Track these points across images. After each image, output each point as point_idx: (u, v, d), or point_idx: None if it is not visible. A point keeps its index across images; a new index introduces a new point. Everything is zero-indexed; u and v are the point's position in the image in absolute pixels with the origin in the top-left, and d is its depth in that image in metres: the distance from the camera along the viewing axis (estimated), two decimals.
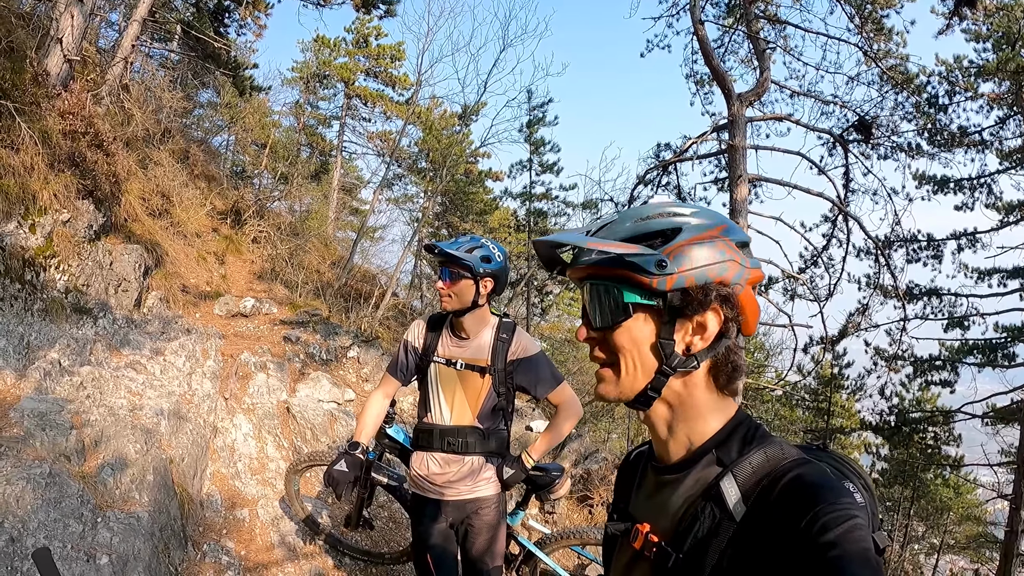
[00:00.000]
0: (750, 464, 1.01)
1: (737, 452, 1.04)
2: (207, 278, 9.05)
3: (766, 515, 0.93)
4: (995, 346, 14.24)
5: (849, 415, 18.59)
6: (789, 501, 0.91)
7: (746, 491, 0.98)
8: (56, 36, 7.04)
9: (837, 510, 0.86)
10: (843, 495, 0.90)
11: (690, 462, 1.08)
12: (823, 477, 0.94)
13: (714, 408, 1.08)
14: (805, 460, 0.99)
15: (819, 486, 0.92)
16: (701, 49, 9.82)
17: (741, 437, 1.06)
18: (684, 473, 1.08)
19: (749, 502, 0.97)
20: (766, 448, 1.02)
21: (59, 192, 6.02)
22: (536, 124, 19.25)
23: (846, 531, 0.84)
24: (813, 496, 0.90)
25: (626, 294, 1.05)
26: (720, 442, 1.06)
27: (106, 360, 5.50)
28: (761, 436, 1.06)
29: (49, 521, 3.42)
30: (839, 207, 10.49)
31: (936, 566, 19.08)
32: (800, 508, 0.89)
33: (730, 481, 1.00)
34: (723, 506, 0.99)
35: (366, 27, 22.72)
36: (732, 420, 1.09)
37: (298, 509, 4.86)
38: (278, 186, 15.44)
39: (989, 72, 12.56)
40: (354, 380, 7.59)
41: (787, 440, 1.08)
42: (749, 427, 1.08)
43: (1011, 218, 13.97)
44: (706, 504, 1.01)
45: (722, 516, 0.98)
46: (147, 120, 9.96)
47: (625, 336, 1.07)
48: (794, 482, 0.94)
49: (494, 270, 3.01)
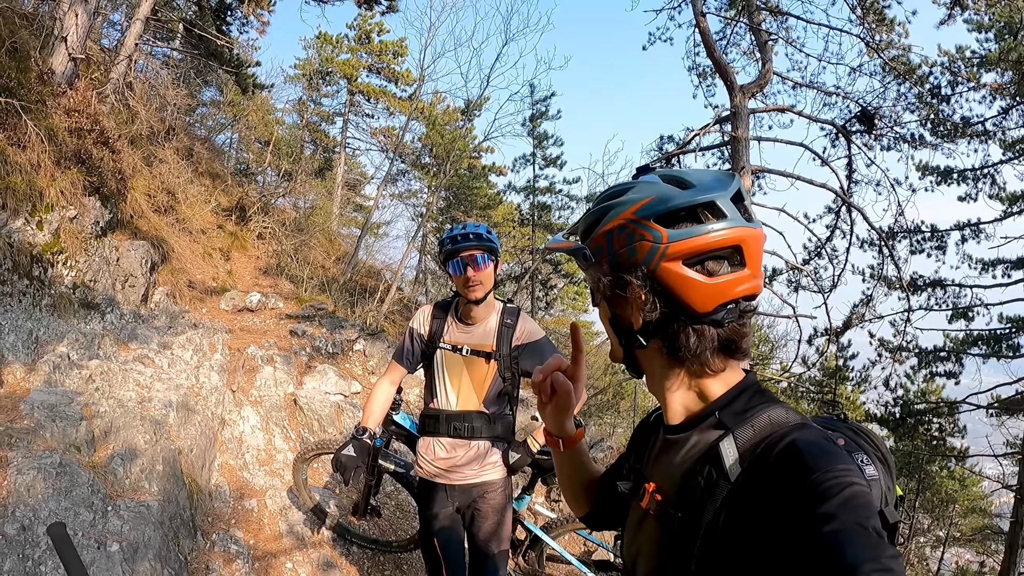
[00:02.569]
0: (751, 427, 1.01)
1: (739, 415, 1.04)
2: (213, 274, 9.11)
3: (762, 478, 0.94)
4: (1000, 337, 14.21)
5: (854, 407, 18.53)
6: (785, 466, 0.91)
7: (743, 453, 0.99)
8: (61, 35, 7.09)
9: (833, 477, 0.84)
10: (840, 460, 0.88)
11: (692, 424, 1.10)
12: (820, 443, 0.92)
13: (714, 374, 1.10)
14: (804, 424, 0.99)
15: (816, 451, 0.90)
16: (703, 41, 9.84)
17: (745, 401, 1.07)
18: (687, 434, 1.10)
19: (745, 464, 0.97)
20: (769, 412, 1.03)
21: (66, 189, 6.07)
22: (539, 118, 19.28)
23: (843, 500, 0.81)
24: (809, 462, 0.88)
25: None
26: (723, 405, 1.08)
27: (114, 354, 5.54)
28: (766, 400, 1.07)
29: (60, 510, 3.46)
30: (842, 198, 10.52)
31: (942, 558, 19.07)
32: (795, 474, 0.88)
33: (729, 442, 1.01)
34: (720, 467, 0.99)
35: (368, 23, 22.76)
36: (738, 385, 1.10)
37: (306, 498, 4.89)
38: (282, 183, 15.49)
39: (991, 62, 12.53)
40: (360, 373, 7.63)
41: (794, 407, 1.10)
42: (755, 392, 1.09)
43: (1015, 208, 13.93)
44: (705, 465, 1.02)
45: (719, 477, 0.99)
46: (151, 118, 10.01)
47: (599, 314, 1.21)
48: (790, 446, 0.93)
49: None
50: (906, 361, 15.15)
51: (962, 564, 19.25)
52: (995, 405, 13.92)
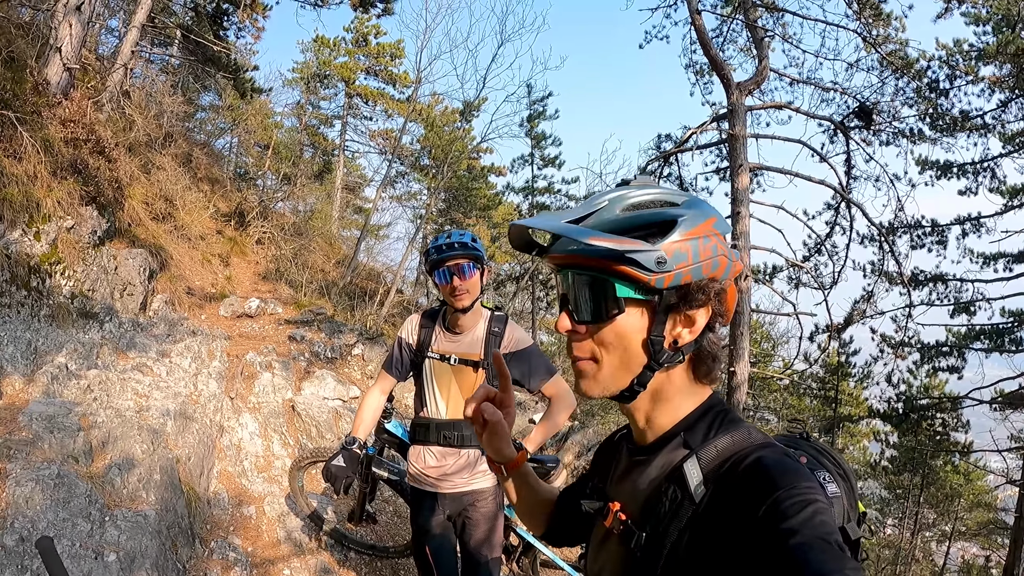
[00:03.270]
0: (715, 448, 1.01)
1: (703, 436, 1.04)
2: (212, 280, 9.13)
3: (726, 498, 0.94)
4: (1002, 331, 14.18)
5: (857, 403, 18.53)
6: (748, 485, 0.92)
7: (707, 474, 0.99)
8: (55, 45, 7.12)
9: (796, 495, 0.85)
10: (803, 479, 0.89)
11: (659, 445, 1.09)
12: (783, 461, 0.94)
13: (688, 394, 1.10)
14: (768, 444, 1.00)
15: (778, 470, 0.91)
16: (699, 39, 9.83)
17: (709, 421, 1.07)
18: (653, 455, 1.10)
19: (710, 484, 0.98)
20: (732, 432, 1.03)
21: (63, 199, 6.10)
22: (536, 118, 19.24)
23: (807, 517, 0.82)
24: (772, 480, 0.89)
25: (619, 288, 1.02)
26: (689, 426, 1.07)
27: (113, 363, 5.57)
28: (730, 421, 1.06)
29: (58, 520, 3.49)
30: (841, 194, 10.50)
31: (947, 553, 19.03)
32: (759, 492, 0.89)
33: (693, 463, 1.01)
34: (684, 488, 1.00)
35: (365, 26, 22.78)
36: (703, 405, 1.10)
37: (303, 505, 4.92)
38: (282, 186, 15.53)
39: (989, 55, 12.49)
40: (359, 377, 7.66)
41: (757, 426, 1.11)
42: (718, 412, 1.09)
43: (1015, 202, 13.89)
44: (669, 485, 1.03)
45: (683, 497, 0.99)
46: (149, 125, 10.04)
47: (613, 331, 1.04)
48: (753, 466, 0.94)
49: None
50: (908, 357, 15.14)
51: (968, 558, 19.21)
52: (998, 399, 13.88)
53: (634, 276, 1.00)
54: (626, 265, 0.99)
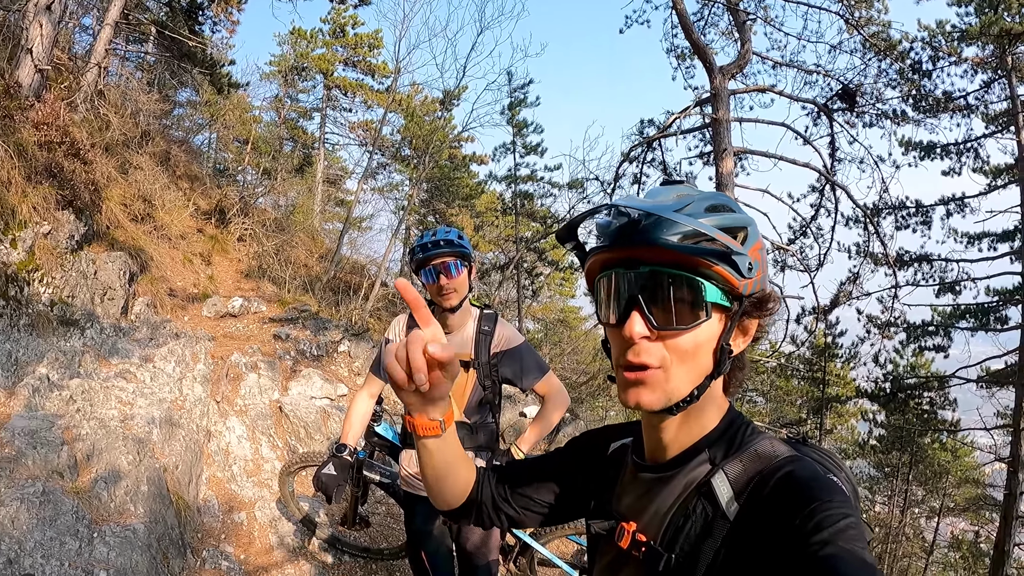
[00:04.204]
0: (740, 462, 0.99)
1: (728, 450, 1.02)
2: (194, 280, 9.01)
3: (759, 513, 0.92)
4: (987, 310, 14.32)
5: (845, 383, 18.65)
6: (783, 499, 0.90)
7: (738, 489, 0.96)
8: (26, 46, 6.96)
9: (832, 508, 0.84)
10: (837, 493, 0.88)
11: (682, 460, 1.05)
12: (816, 474, 0.92)
13: (717, 406, 1.06)
14: (797, 457, 0.98)
15: (813, 484, 0.90)
16: (680, 23, 9.74)
17: (732, 435, 1.04)
18: (676, 471, 1.05)
19: (742, 500, 0.95)
20: (757, 445, 1.01)
21: (38, 204, 5.97)
22: (518, 106, 19.11)
23: (841, 529, 0.82)
24: (807, 494, 0.88)
25: (709, 292, 0.95)
26: (713, 441, 1.04)
27: (95, 371, 5.47)
28: (752, 433, 1.04)
29: (45, 540, 3.41)
30: (826, 177, 10.49)
31: (937, 529, 19.24)
32: (795, 506, 0.87)
33: (722, 479, 0.98)
34: (715, 504, 0.97)
35: (342, 16, 22.55)
36: (726, 418, 1.07)
37: (294, 510, 4.86)
38: (262, 182, 15.37)
39: (972, 36, 12.56)
40: (346, 375, 7.59)
41: (776, 435, 1.06)
42: (741, 424, 1.06)
43: (999, 182, 14.02)
44: (698, 502, 0.99)
45: (715, 515, 0.96)
46: (125, 124, 9.87)
47: (693, 338, 0.97)
48: (787, 479, 0.92)
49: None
50: (895, 336, 15.31)
51: (957, 534, 19.44)
52: (985, 377, 14.05)
53: (728, 280, 0.95)
54: (727, 267, 0.94)
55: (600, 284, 1.03)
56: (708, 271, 0.94)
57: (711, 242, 0.94)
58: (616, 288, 1.00)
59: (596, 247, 1.02)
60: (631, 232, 0.95)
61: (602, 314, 1.02)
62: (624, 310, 0.98)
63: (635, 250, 0.97)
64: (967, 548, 17.95)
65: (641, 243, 0.95)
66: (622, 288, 0.99)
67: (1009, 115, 13.01)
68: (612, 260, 1.00)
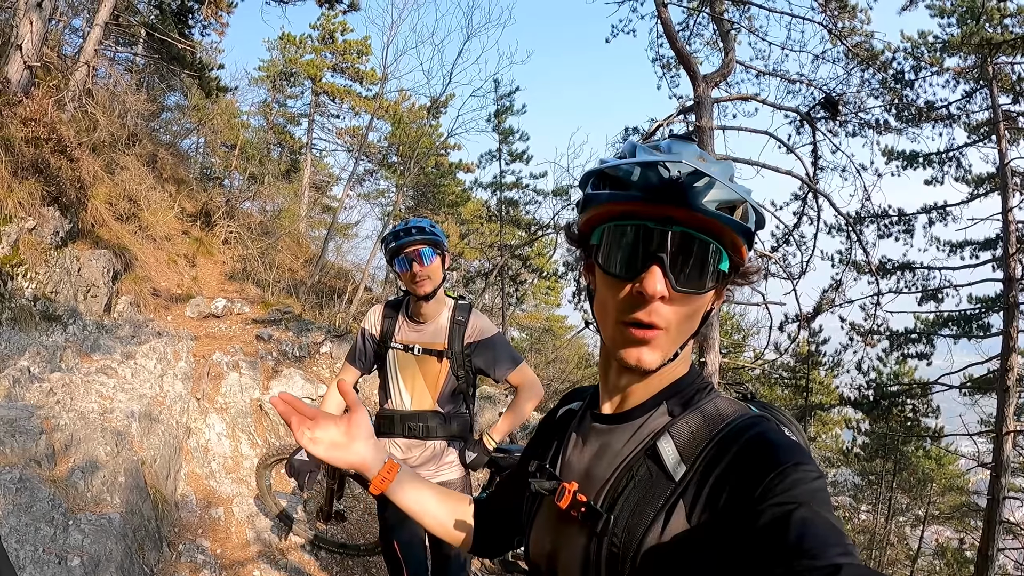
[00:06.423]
0: (689, 423, 0.99)
1: (686, 406, 1.02)
2: (178, 281, 9.01)
3: (720, 474, 0.91)
4: (970, 317, 14.45)
5: (828, 391, 18.71)
6: (752, 459, 0.89)
7: (687, 451, 0.96)
8: (16, 43, 6.99)
9: (802, 470, 0.84)
10: (805, 455, 0.88)
11: (642, 410, 1.05)
12: (782, 436, 0.92)
13: (683, 360, 1.05)
14: (761, 417, 0.98)
15: (781, 445, 0.89)
16: (665, 32, 9.82)
17: (691, 392, 1.04)
18: (634, 421, 1.05)
19: (692, 461, 0.94)
20: (711, 404, 1.01)
21: (24, 200, 5.98)
22: (504, 113, 19.19)
23: (811, 491, 0.82)
24: (776, 455, 0.88)
25: (724, 260, 0.96)
26: (673, 393, 1.04)
27: (76, 366, 5.48)
28: (709, 391, 1.04)
29: (20, 526, 3.42)
30: (809, 185, 10.57)
31: (922, 536, 19.30)
32: (765, 466, 0.86)
33: (667, 440, 0.98)
34: (661, 465, 0.96)
35: (331, 23, 22.58)
36: (689, 374, 1.07)
37: (271, 505, 4.87)
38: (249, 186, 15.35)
39: (954, 46, 12.71)
40: (327, 375, 7.59)
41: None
42: (698, 381, 1.06)
43: (981, 190, 14.16)
44: (643, 464, 0.99)
45: (659, 475, 0.95)
46: (112, 124, 9.89)
47: (700, 302, 0.97)
48: (756, 440, 0.92)
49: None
50: (878, 344, 15.38)
51: (942, 541, 19.48)
52: (967, 385, 14.14)
53: (742, 252, 0.96)
54: (742, 235, 0.94)
55: (611, 230, 0.98)
56: (725, 237, 0.94)
57: (735, 213, 0.93)
58: (635, 241, 0.95)
59: (620, 194, 0.95)
60: (674, 190, 0.90)
61: (607, 262, 0.98)
62: (642, 265, 0.94)
63: (672, 209, 0.92)
64: (952, 555, 18.01)
65: (682, 203, 0.90)
66: (647, 243, 0.94)
67: (991, 124, 13.18)
68: (641, 213, 0.94)
